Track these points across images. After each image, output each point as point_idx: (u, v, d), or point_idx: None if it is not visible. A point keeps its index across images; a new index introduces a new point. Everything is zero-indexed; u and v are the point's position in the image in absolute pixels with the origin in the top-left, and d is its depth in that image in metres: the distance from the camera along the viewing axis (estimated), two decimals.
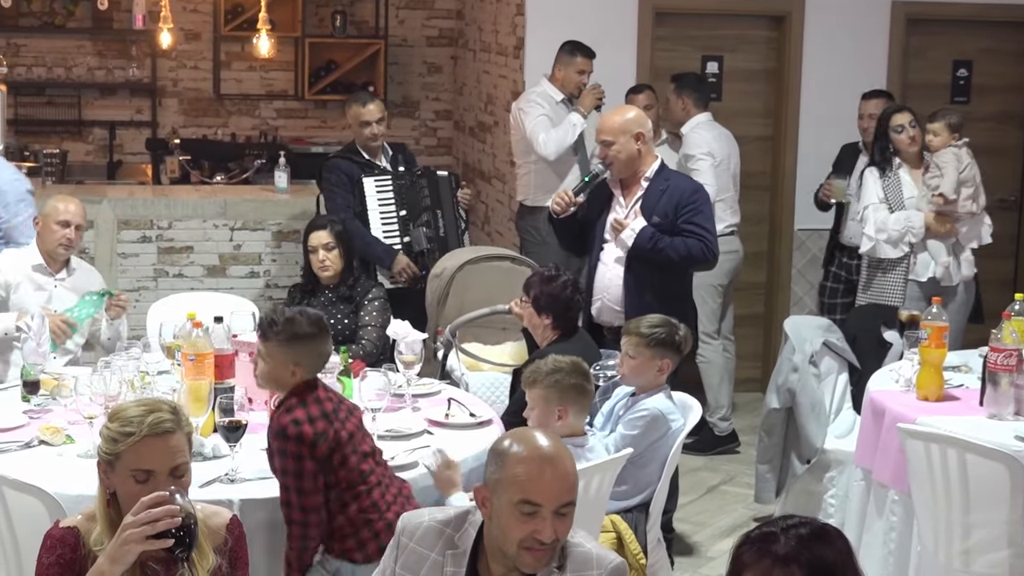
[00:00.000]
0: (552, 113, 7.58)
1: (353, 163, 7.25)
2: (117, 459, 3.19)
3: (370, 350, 6.04)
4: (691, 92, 7.80)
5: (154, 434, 3.17)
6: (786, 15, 8.51)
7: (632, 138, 5.99)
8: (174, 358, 5.13)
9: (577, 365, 4.63)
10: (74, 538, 3.23)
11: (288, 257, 7.99)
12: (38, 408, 4.87)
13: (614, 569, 3.20)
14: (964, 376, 5.55)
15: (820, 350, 5.94)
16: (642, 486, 4.87)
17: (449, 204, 7.31)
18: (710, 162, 7.56)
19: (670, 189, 6.01)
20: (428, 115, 11.01)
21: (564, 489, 3.09)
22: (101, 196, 7.97)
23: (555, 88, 7.66)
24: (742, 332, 8.44)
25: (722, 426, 7.61)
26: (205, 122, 10.77)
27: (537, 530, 3.06)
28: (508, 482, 3.09)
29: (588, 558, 3.19)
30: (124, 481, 3.19)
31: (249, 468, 4.22)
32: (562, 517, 3.08)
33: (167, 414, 3.22)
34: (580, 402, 4.61)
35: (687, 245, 5.93)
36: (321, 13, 10.74)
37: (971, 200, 6.90)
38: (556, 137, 7.51)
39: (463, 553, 3.19)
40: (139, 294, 7.81)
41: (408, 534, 3.27)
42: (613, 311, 6.00)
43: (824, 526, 2.69)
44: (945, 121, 6.96)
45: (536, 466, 3.08)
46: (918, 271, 6.93)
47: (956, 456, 4.59)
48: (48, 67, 10.54)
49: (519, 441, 3.16)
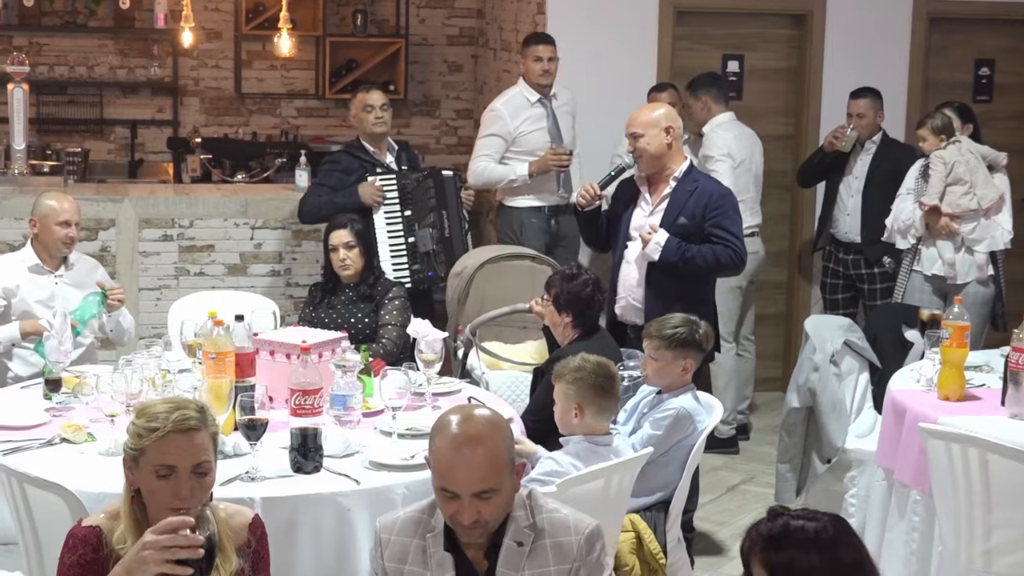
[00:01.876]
0: (513, 117, 7.49)
1: (355, 158, 7.25)
2: (142, 455, 3.22)
3: (390, 349, 6.03)
4: (707, 90, 7.77)
5: (178, 430, 3.21)
6: (807, 13, 8.49)
7: (662, 131, 5.96)
8: (195, 356, 5.14)
9: (603, 367, 4.61)
10: (96, 538, 3.24)
11: (309, 256, 7.99)
12: (60, 406, 4.88)
13: (591, 533, 3.34)
14: (986, 376, 5.53)
15: (841, 349, 5.93)
16: (663, 485, 4.86)
17: (454, 205, 7.27)
18: (729, 164, 7.54)
19: (698, 190, 5.98)
20: (448, 114, 11.01)
21: (477, 478, 3.20)
22: (122, 195, 7.99)
23: (529, 88, 7.60)
24: (763, 331, 8.43)
25: (723, 429, 7.53)
26: (226, 121, 10.79)
27: (458, 511, 3.21)
28: (433, 464, 3.27)
29: (565, 523, 3.34)
30: (147, 477, 3.22)
31: (269, 466, 4.22)
32: (485, 500, 3.21)
33: (193, 412, 3.26)
34: (598, 403, 4.59)
35: (715, 253, 5.91)
36: (342, 12, 10.75)
37: (967, 197, 6.95)
38: (491, 175, 7.49)
39: (439, 532, 3.33)
40: (160, 292, 7.83)
41: (387, 530, 3.41)
42: (637, 310, 5.99)
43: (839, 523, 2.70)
44: (929, 126, 7.14)
45: (450, 454, 3.23)
46: (924, 264, 7.12)
47: (977, 456, 4.57)
48: (70, 66, 10.57)
49: (445, 425, 3.29)
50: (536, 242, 7.46)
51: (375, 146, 7.28)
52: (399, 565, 3.35)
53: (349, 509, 4.10)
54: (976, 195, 6.99)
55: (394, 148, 7.39)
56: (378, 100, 7.26)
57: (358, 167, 7.19)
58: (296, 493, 4.09)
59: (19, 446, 4.43)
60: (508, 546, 3.29)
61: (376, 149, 7.28)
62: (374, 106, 7.23)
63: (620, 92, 8.02)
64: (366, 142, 7.29)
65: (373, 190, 7.07)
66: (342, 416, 4.51)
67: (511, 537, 3.30)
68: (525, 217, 7.56)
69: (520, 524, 3.31)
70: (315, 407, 4.44)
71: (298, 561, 4.06)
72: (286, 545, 4.03)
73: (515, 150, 7.50)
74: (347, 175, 7.17)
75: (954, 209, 7.00)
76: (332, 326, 5.99)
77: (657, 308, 5.72)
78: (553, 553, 3.30)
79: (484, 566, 3.31)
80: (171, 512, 3.22)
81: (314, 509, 4.08)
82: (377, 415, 4.81)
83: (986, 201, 7.01)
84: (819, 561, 2.64)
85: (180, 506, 3.22)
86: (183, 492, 3.22)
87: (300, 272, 8.01)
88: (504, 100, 7.63)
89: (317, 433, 4.27)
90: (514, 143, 7.51)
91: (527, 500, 3.36)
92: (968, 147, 7.09)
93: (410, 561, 3.34)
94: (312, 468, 4.24)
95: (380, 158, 7.28)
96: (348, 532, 4.10)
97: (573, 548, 3.31)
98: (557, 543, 3.31)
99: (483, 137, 7.57)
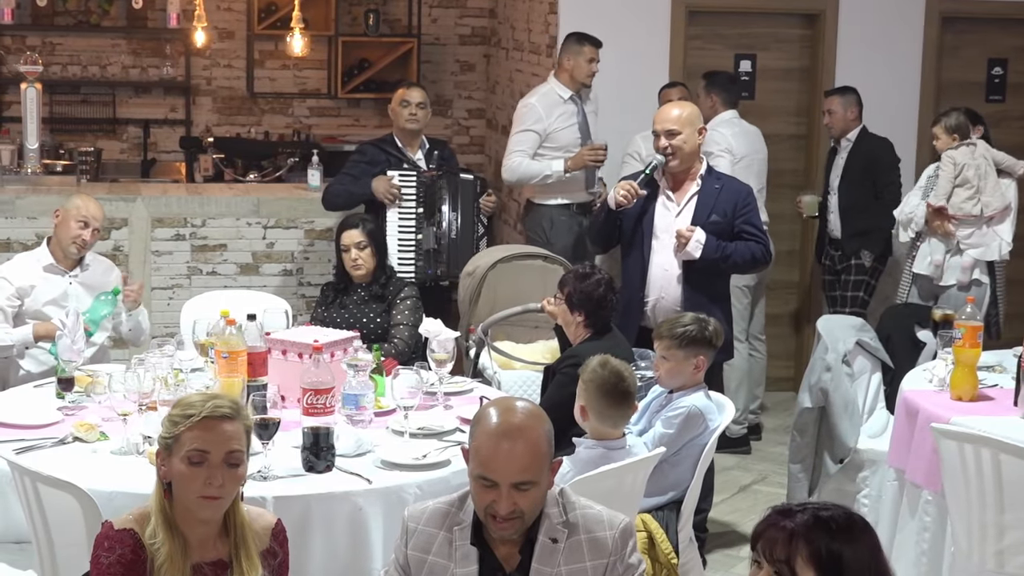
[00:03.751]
0: (548, 114, 7.44)
1: (381, 151, 7.26)
2: (175, 442, 3.29)
3: (402, 348, 6.04)
4: (720, 91, 7.79)
5: (212, 416, 3.29)
6: (820, 13, 8.48)
7: (696, 131, 6.04)
8: (207, 355, 5.15)
9: (616, 374, 4.53)
10: (133, 540, 3.27)
11: (321, 255, 8.00)
12: (72, 405, 4.89)
13: (625, 528, 3.36)
14: (998, 376, 5.52)
15: (853, 349, 5.92)
16: (674, 484, 4.86)
17: (468, 208, 7.24)
18: (728, 159, 7.54)
19: (725, 188, 6.05)
20: (461, 114, 11.01)
21: (518, 468, 3.22)
22: (135, 194, 8.00)
23: (562, 85, 7.54)
24: (774, 331, 8.42)
25: (734, 429, 7.52)
26: (238, 120, 10.80)
27: (495, 501, 3.22)
28: (473, 453, 3.29)
29: (599, 519, 3.36)
30: (180, 465, 3.27)
31: (281, 465, 4.23)
32: (522, 492, 3.23)
33: (227, 402, 3.35)
34: (601, 408, 4.50)
35: (750, 249, 6.01)
36: (354, 12, 10.76)
37: (971, 202, 6.95)
38: (526, 171, 7.40)
39: (467, 525, 3.34)
40: (173, 292, 7.85)
41: (415, 520, 3.41)
42: (671, 310, 5.95)
43: (851, 516, 2.69)
44: (943, 124, 7.19)
45: (493, 442, 3.25)
46: (917, 262, 7.24)
47: (990, 456, 4.57)
48: (83, 66, 10.59)
49: (487, 415, 3.32)
50: (565, 240, 7.45)
51: (405, 142, 7.30)
52: (423, 555, 3.36)
53: (361, 508, 4.11)
54: (981, 201, 6.99)
55: (425, 145, 7.39)
56: (416, 97, 7.29)
57: (383, 160, 7.21)
58: (308, 492, 4.10)
59: (32, 445, 4.45)
60: (543, 543, 3.31)
61: (406, 145, 7.30)
62: (411, 102, 7.26)
63: (633, 92, 8.02)
64: (397, 137, 7.32)
65: (388, 185, 7.07)
66: (354, 415, 4.52)
67: (545, 534, 3.31)
68: (555, 215, 7.53)
69: (554, 521, 3.32)
70: (327, 406, 4.45)
71: (310, 560, 4.07)
72: (298, 544, 4.03)
73: (547, 146, 7.46)
74: (371, 167, 7.20)
75: (955, 211, 7.00)
76: (344, 326, 5.99)
77: (692, 306, 5.74)
78: (588, 548, 3.32)
79: (515, 562, 3.31)
80: (202, 502, 3.24)
81: (326, 508, 4.08)
82: (389, 414, 4.81)
83: (990, 209, 7.01)
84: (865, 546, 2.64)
85: (212, 494, 3.25)
86: (216, 480, 3.25)
87: (312, 271, 8.02)
88: (538, 96, 7.57)
89: (329, 432, 4.28)
90: (546, 139, 7.48)
91: (559, 497, 3.38)
92: (983, 151, 7.07)
93: (434, 552, 3.35)
94: (324, 467, 4.24)
95: (409, 154, 7.29)
96: (360, 531, 4.11)
97: (608, 543, 3.33)
98: (592, 538, 3.33)
99: (518, 133, 7.48)
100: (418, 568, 3.37)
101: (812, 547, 2.61)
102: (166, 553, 3.25)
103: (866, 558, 2.64)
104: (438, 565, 3.34)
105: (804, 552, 2.62)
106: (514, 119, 7.59)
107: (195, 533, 3.32)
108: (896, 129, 8.12)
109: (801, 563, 2.62)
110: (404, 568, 3.39)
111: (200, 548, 3.33)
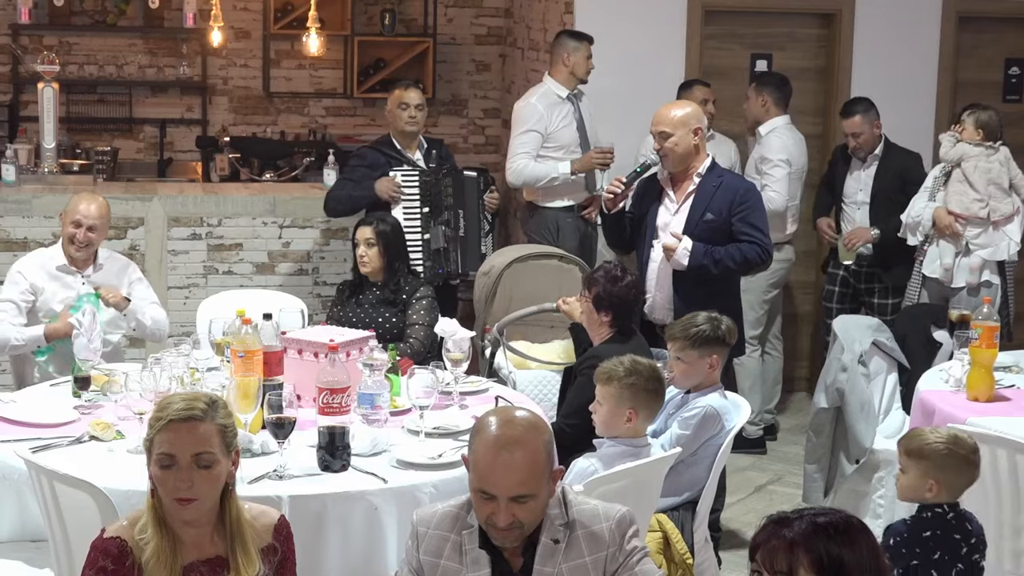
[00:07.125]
0: (549, 114, 7.42)
1: (381, 154, 7.24)
2: (151, 444, 3.31)
3: (418, 348, 6.04)
4: (773, 91, 7.73)
5: (179, 419, 3.28)
6: (836, 12, 8.47)
7: (691, 132, 5.97)
8: (223, 355, 5.16)
9: (655, 371, 4.62)
10: (118, 549, 3.27)
11: (337, 254, 8.01)
12: (88, 404, 4.91)
13: (621, 517, 3.37)
14: (1015, 376, 5.51)
15: (869, 350, 5.91)
16: (690, 484, 4.86)
17: (474, 205, 7.25)
18: (786, 170, 7.52)
19: (723, 186, 5.99)
20: (476, 113, 11.01)
21: (516, 482, 3.23)
22: (151, 193, 8.02)
23: (559, 84, 7.51)
24: (791, 331, 8.41)
25: (750, 430, 7.52)
26: (255, 120, 10.82)
27: (493, 513, 3.23)
28: (472, 465, 3.29)
29: (595, 513, 3.37)
30: (154, 467, 3.30)
31: (297, 465, 4.24)
32: (521, 504, 3.23)
33: (200, 403, 3.32)
34: (651, 407, 4.62)
35: (742, 251, 5.92)
36: (370, 11, 10.76)
37: (978, 203, 6.91)
38: (532, 173, 7.37)
39: (475, 529, 3.35)
40: (189, 291, 7.86)
41: (424, 524, 3.42)
42: (666, 309, 5.98)
43: (848, 520, 2.69)
44: (974, 116, 7.02)
45: (490, 456, 3.25)
46: (926, 264, 7.13)
47: (1006, 457, 4.56)
48: (99, 65, 10.61)
49: (485, 426, 3.31)
50: (573, 241, 7.44)
51: (404, 143, 7.29)
52: (435, 559, 3.38)
53: (376, 508, 4.11)
54: (989, 206, 6.94)
55: (423, 145, 7.39)
56: (414, 99, 7.26)
57: (384, 163, 7.19)
58: (324, 491, 4.10)
59: (48, 444, 4.47)
60: (544, 544, 3.32)
61: (404, 146, 7.29)
62: (409, 104, 7.24)
63: (648, 91, 8.00)
64: (395, 139, 7.31)
65: (391, 185, 7.07)
66: (370, 415, 4.53)
67: (547, 535, 3.32)
68: (561, 218, 7.52)
69: (555, 522, 3.34)
70: (343, 406, 4.45)
71: (325, 559, 4.07)
72: (314, 543, 4.05)
73: (547, 146, 7.45)
74: (372, 170, 7.18)
75: (962, 211, 6.95)
76: (360, 325, 6.00)
77: (686, 306, 5.72)
78: (587, 543, 3.33)
79: (519, 564, 3.33)
80: (176, 504, 3.25)
81: (342, 507, 4.09)
82: (404, 414, 4.82)
83: (996, 214, 6.97)
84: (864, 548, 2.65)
85: (183, 496, 3.25)
86: (184, 482, 3.25)
87: (328, 271, 8.02)
88: (538, 96, 7.55)
89: (345, 432, 4.29)
90: (547, 139, 7.46)
91: (561, 497, 3.38)
92: (1002, 158, 7.00)
93: (446, 556, 3.36)
94: (340, 467, 4.25)
95: (408, 155, 7.28)
96: (375, 530, 4.11)
97: (605, 535, 3.34)
98: (589, 532, 3.33)
99: (520, 134, 7.45)
100: (431, 572, 3.38)
101: (813, 555, 2.63)
102: (153, 550, 3.27)
103: (866, 559, 2.66)
104: (451, 569, 3.36)
105: (805, 560, 2.64)
106: (514, 120, 7.56)
107: (186, 532, 3.34)
108: (912, 129, 8.09)
109: (803, 572, 2.63)
110: (418, 571, 3.40)
111: (196, 546, 3.35)
